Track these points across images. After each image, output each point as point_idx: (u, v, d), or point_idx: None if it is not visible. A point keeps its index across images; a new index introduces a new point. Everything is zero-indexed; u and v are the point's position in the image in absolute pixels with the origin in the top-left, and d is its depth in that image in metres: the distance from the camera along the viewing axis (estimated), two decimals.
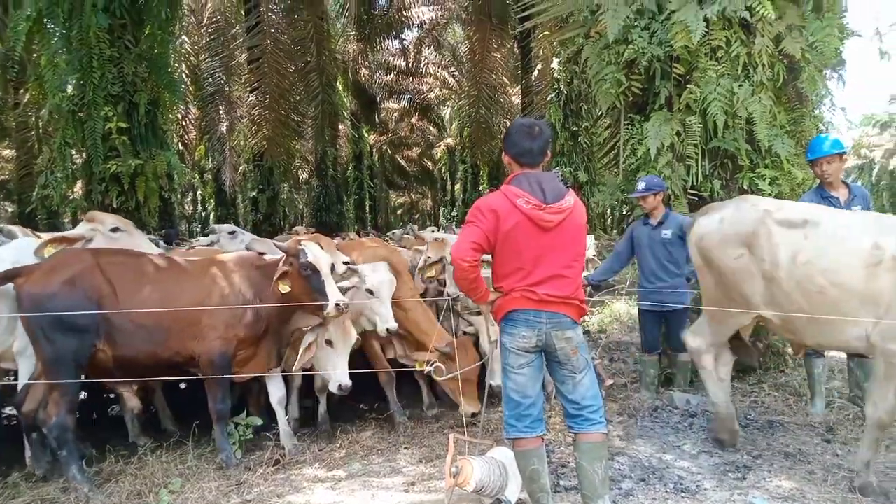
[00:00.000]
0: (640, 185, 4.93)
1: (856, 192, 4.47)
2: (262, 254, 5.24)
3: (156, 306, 3.89)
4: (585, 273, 5.02)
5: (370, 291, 4.53)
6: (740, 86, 5.04)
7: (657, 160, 5.32)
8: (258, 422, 4.32)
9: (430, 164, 35.74)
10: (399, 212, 46.12)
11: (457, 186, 32.26)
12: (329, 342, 4.30)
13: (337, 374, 4.26)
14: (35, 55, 9.80)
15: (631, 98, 5.68)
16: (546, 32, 7.39)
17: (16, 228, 5.27)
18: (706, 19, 4.98)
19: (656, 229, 4.95)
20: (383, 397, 4.93)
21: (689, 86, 5.22)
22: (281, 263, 4.09)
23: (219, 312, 4.01)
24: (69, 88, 8.72)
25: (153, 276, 4.02)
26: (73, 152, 9.19)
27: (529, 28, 10.61)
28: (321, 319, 4.19)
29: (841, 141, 4.46)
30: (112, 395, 5.20)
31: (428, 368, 3.97)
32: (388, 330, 4.45)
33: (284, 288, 4.02)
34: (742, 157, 5.30)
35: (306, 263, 4.00)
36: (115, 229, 4.53)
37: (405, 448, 4.27)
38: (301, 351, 4.21)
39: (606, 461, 2.98)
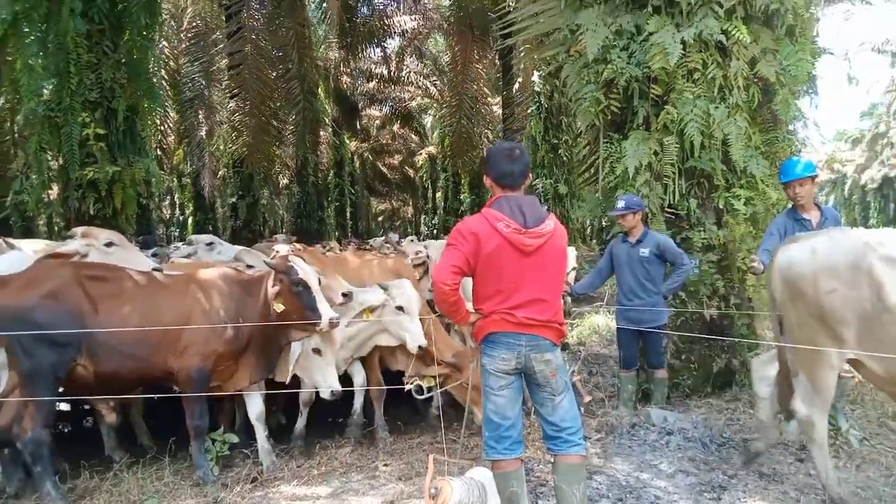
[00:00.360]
0: (620, 204, 5.00)
1: (827, 214, 4.57)
2: (249, 266, 5.26)
3: (136, 322, 3.87)
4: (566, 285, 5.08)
5: (400, 308, 4.54)
6: (716, 107, 5.15)
7: (635, 179, 5.41)
8: (234, 439, 4.30)
9: (411, 172, 35.78)
10: (380, 218, 46.06)
11: (438, 194, 32.38)
12: (317, 350, 4.32)
13: (327, 381, 4.29)
14: (10, 58, 9.63)
15: (610, 117, 5.76)
16: (528, 48, 7.44)
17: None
18: (683, 42, 5.08)
19: (635, 247, 5.02)
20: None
21: (666, 106, 5.32)
22: (270, 281, 4.09)
23: (198, 328, 3.99)
24: (45, 93, 8.60)
25: (133, 291, 3.99)
26: (49, 157, 9.07)
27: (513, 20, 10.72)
28: (308, 334, 4.19)
29: (813, 164, 4.57)
30: (87, 408, 5.12)
31: (409, 387, 3.98)
32: (419, 347, 4.45)
33: (279, 307, 4.02)
34: (718, 177, 5.41)
35: (298, 280, 4.01)
36: (109, 244, 4.53)
37: (384, 465, 4.27)
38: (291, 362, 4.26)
39: (585, 482, 3.02)
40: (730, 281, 5.54)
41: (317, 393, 4.50)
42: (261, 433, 4.34)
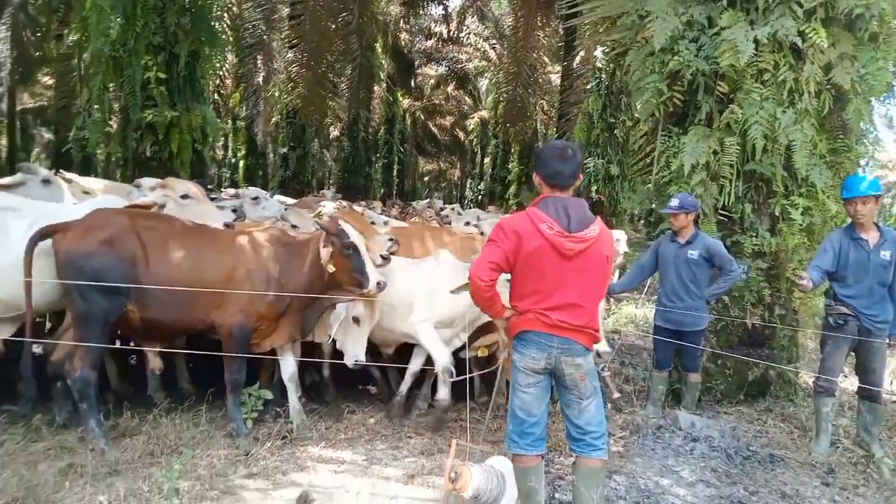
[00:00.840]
0: (674, 203, 4.88)
1: (887, 235, 4.39)
2: (294, 226, 5.37)
3: (185, 273, 4.00)
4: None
5: None
6: (784, 111, 4.96)
7: (690, 176, 5.28)
8: (269, 395, 4.44)
9: (461, 135, 35.49)
10: (426, 178, 46.03)
11: (486, 160, 32.13)
12: (356, 319, 4.42)
13: (356, 350, 4.40)
14: None
15: (671, 109, 5.59)
16: (593, 28, 7.24)
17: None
18: (756, 40, 4.88)
19: (683, 248, 4.91)
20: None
21: (731, 105, 5.14)
22: (321, 242, 4.17)
23: (241, 286, 4.11)
24: (112, 33, 8.76)
25: (184, 242, 4.11)
26: (112, 97, 9.29)
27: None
28: (354, 297, 4.29)
29: (878, 182, 4.39)
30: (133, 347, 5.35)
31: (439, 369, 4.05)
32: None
33: (331, 268, 4.11)
34: (777, 183, 5.24)
35: (349, 243, 4.09)
36: (185, 196, 4.69)
37: (408, 437, 4.38)
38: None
39: (603, 486, 3.06)
40: (777, 290, 5.42)
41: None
42: (292, 393, 4.48)
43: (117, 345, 4.71)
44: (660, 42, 5.23)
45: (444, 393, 4.56)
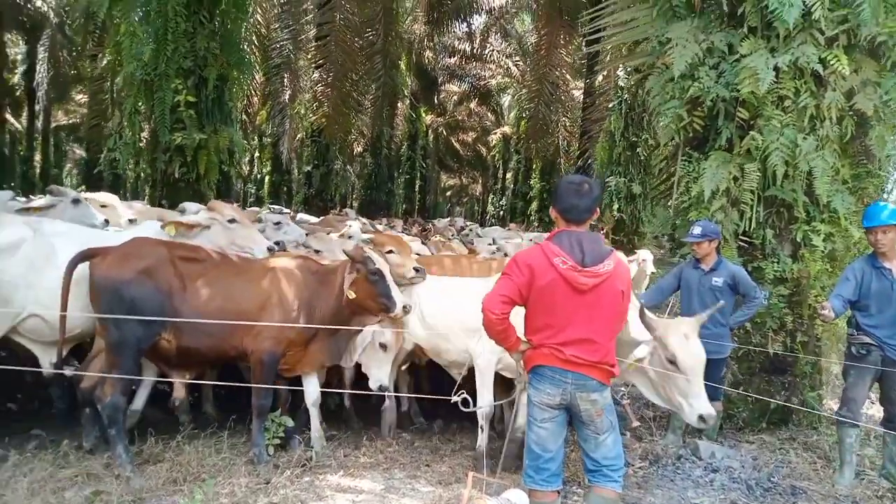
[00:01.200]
0: (696, 231, 4.86)
1: None
2: (317, 251, 5.47)
3: (219, 304, 4.10)
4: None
5: None
6: (805, 138, 4.93)
7: (710, 202, 5.26)
8: (290, 422, 4.50)
9: (483, 150, 35.67)
10: (448, 193, 46.23)
11: (508, 175, 32.20)
12: (383, 346, 4.51)
13: (380, 374, 4.49)
14: (116, 21, 10.15)
15: (691, 134, 5.59)
16: (614, 53, 7.29)
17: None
18: (776, 68, 4.87)
19: (707, 275, 4.88)
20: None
21: (751, 132, 5.12)
22: (346, 269, 4.26)
23: (273, 314, 4.18)
24: (144, 58, 9.02)
25: (219, 272, 4.22)
26: (142, 120, 9.56)
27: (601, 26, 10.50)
28: (381, 321, 4.41)
29: None
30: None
31: (456, 398, 4.07)
32: None
33: (352, 294, 4.19)
34: (798, 209, 5.21)
35: (375, 269, 4.18)
36: (232, 220, 4.83)
37: (426, 465, 4.41)
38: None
39: None
40: (799, 317, 5.36)
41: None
42: (315, 418, 4.54)
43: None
44: (679, 68, 5.24)
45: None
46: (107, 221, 5.43)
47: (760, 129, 5.08)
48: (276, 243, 5.08)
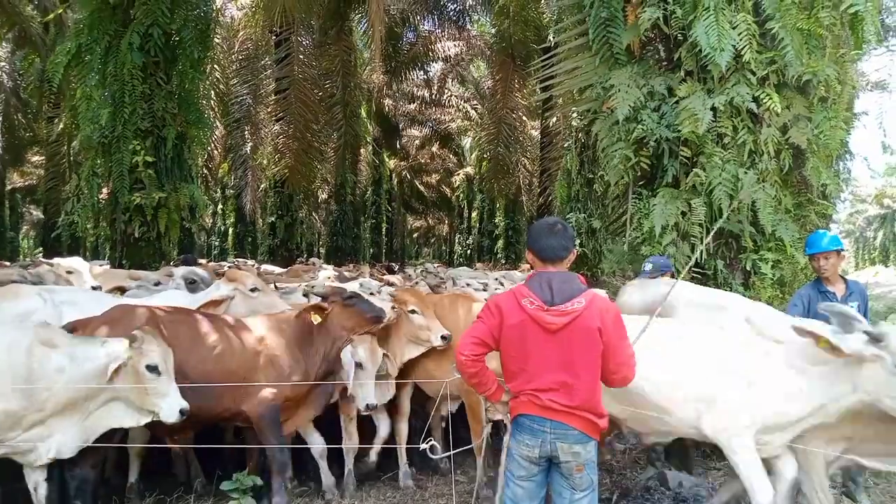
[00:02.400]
0: (647, 267, 5.04)
1: (853, 287, 4.57)
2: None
3: (209, 366, 4.03)
4: None
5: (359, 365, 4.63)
6: (745, 172, 5.19)
7: (662, 237, 5.46)
8: (259, 481, 4.42)
9: (448, 191, 36.13)
10: (415, 235, 46.45)
11: (474, 214, 32.59)
12: (359, 364, 4.48)
13: (365, 393, 4.44)
14: (72, 86, 10.21)
15: (639, 173, 5.84)
16: (564, 100, 7.60)
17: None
18: (713, 108, 5.15)
19: None
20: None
21: (695, 168, 5.38)
22: (312, 308, 4.28)
23: (266, 375, 4.15)
24: (101, 121, 9.06)
25: (207, 336, 4.14)
26: (100, 182, 9.54)
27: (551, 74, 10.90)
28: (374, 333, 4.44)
29: (839, 238, 4.58)
30: None
31: (424, 446, 4.09)
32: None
33: (316, 318, 4.20)
34: (746, 239, 5.43)
35: (350, 294, 4.28)
36: (254, 289, 4.83)
37: None
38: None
39: None
40: None
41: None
42: (325, 470, 4.53)
43: None
44: (623, 112, 5.49)
45: None
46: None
47: (703, 166, 5.34)
48: None
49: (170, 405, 3.53)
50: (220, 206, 28.73)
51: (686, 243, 5.50)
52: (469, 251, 31.67)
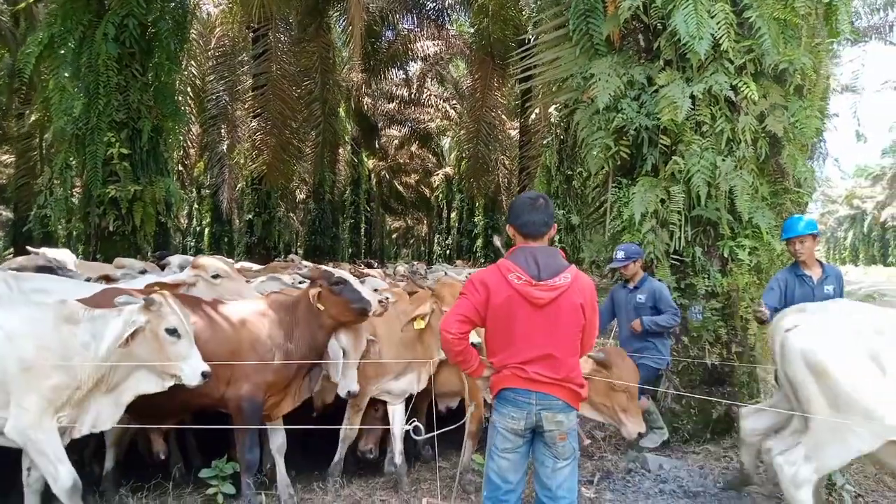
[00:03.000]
0: (619, 255, 5.10)
1: (829, 271, 4.65)
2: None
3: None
4: None
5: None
6: (723, 160, 5.25)
7: (641, 224, 5.51)
8: (238, 468, 4.36)
9: (427, 192, 36.13)
10: (394, 236, 46.35)
11: (453, 214, 32.69)
12: (343, 351, 4.37)
13: (346, 381, 4.32)
14: (44, 78, 10.01)
15: (619, 162, 5.88)
16: (544, 91, 7.63)
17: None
18: (692, 96, 5.21)
19: (632, 293, 5.14)
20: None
21: (674, 156, 5.43)
22: (309, 287, 4.17)
23: (249, 358, 4.03)
24: (74, 112, 8.89)
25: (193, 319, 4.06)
26: (74, 174, 9.37)
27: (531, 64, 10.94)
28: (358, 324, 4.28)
29: (815, 222, 4.66)
30: None
31: (407, 427, 4.06)
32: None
33: (320, 306, 4.08)
34: (723, 227, 5.49)
35: (337, 279, 4.10)
36: (216, 276, 4.68)
37: (381, 501, 4.36)
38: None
39: None
40: (732, 328, 5.61)
41: (320, 418, 4.64)
42: (281, 465, 4.35)
43: None
44: (604, 101, 5.54)
45: None
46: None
47: (682, 154, 5.39)
48: None
49: (192, 368, 3.49)
50: (195, 206, 28.39)
51: (665, 230, 5.55)
52: (448, 251, 31.69)
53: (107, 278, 5.18)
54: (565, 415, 2.83)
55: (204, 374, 3.50)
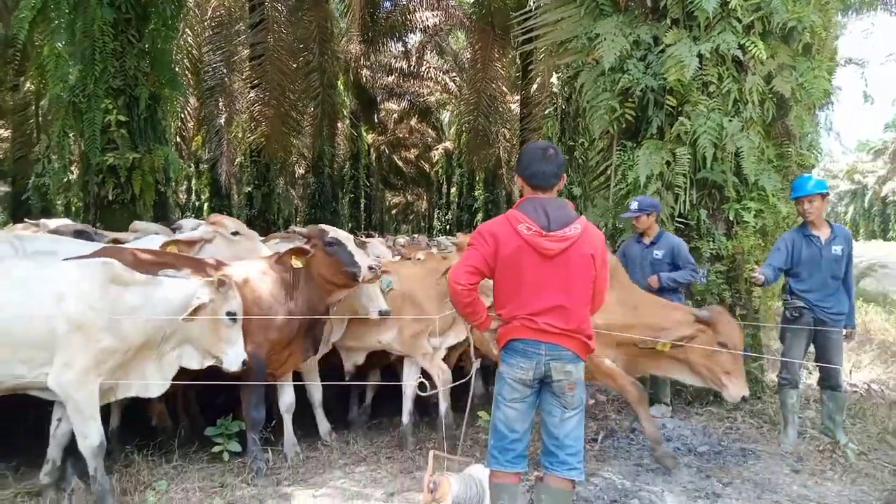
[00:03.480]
0: (633, 206, 5.04)
1: (837, 231, 4.61)
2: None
3: None
4: None
5: None
6: (730, 121, 5.19)
7: (646, 187, 5.46)
8: (244, 426, 4.37)
9: (426, 166, 35.90)
10: (394, 212, 46.22)
11: (453, 190, 32.50)
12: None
13: (376, 303, 4.38)
14: (38, 44, 9.84)
15: (624, 125, 5.80)
16: (546, 53, 7.52)
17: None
18: (700, 55, 5.13)
19: (649, 248, 5.09)
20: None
21: (680, 118, 5.36)
22: (303, 245, 4.16)
23: (248, 318, 3.98)
24: (70, 79, 8.75)
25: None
26: (71, 142, 9.26)
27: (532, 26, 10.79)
28: (351, 290, 4.26)
29: (824, 181, 4.62)
30: None
31: (413, 383, 4.07)
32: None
33: (297, 263, 4.08)
34: (729, 189, 5.45)
35: (331, 240, 4.09)
36: (235, 233, 4.70)
37: (387, 458, 4.38)
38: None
39: None
40: (737, 291, 5.58)
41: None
42: (288, 424, 4.39)
43: None
44: (609, 62, 5.46)
45: None
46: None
47: (688, 115, 5.32)
48: None
49: (236, 353, 3.59)
50: (193, 182, 28.22)
51: (670, 193, 5.51)
52: (448, 226, 31.58)
53: (116, 242, 5.16)
54: (574, 365, 2.83)
55: (244, 363, 3.58)
